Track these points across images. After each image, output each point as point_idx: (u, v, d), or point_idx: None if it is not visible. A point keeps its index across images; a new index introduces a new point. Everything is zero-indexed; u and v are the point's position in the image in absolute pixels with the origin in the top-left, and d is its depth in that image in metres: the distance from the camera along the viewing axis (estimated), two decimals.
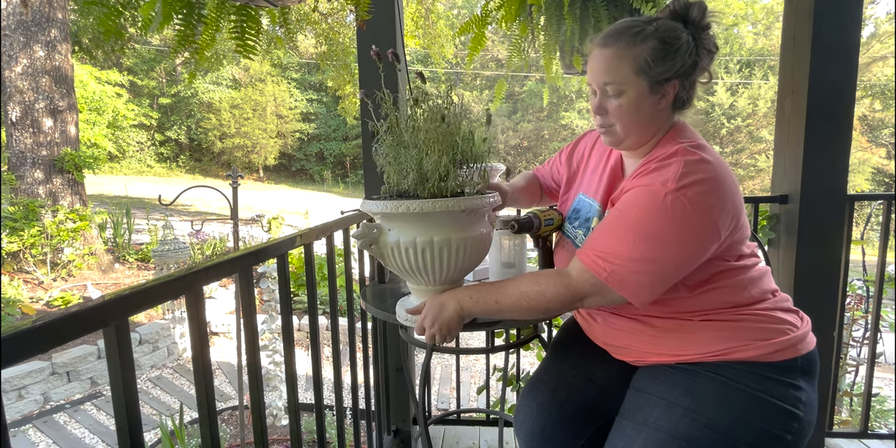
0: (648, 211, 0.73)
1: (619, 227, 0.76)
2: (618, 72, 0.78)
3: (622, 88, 0.78)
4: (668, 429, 0.75)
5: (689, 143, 0.79)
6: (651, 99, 0.79)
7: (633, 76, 0.77)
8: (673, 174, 0.73)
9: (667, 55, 0.77)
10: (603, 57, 0.79)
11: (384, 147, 0.89)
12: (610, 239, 0.76)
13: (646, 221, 0.73)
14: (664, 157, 0.77)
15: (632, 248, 0.73)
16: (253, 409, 0.78)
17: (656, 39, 0.77)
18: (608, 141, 0.87)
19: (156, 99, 19.38)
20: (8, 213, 4.59)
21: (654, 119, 0.82)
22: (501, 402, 1.81)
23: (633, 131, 0.82)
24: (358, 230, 0.85)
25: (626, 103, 0.79)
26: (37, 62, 5.03)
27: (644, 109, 0.80)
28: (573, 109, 19.73)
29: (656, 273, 0.74)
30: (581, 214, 0.98)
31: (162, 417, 3.03)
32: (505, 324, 0.98)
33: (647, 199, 0.74)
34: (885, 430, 2.19)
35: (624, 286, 0.74)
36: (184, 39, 0.92)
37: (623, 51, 0.77)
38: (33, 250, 4.72)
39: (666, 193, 0.72)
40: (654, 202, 0.73)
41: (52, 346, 0.43)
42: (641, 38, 0.77)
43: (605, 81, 0.79)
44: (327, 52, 6.47)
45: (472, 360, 4.52)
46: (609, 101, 0.81)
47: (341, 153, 21.95)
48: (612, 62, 0.78)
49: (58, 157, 5.15)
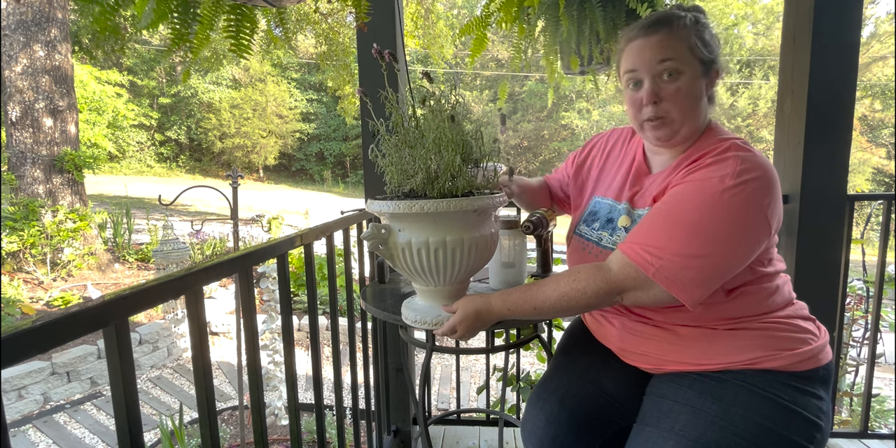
0: (702, 206, 0.72)
1: (669, 222, 0.74)
2: (675, 49, 0.78)
3: (681, 68, 0.78)
4: (695, 436, 0.73)
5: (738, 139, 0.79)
6: (702, 83, 0.79)
7: (690, 56, 0.78)
8: (731, 170, 0.72)
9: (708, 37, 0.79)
10: (653, 41, 0.79)
11: (386, 147, 0.89)
12: (658, 233, 0.73)
13: (700, 217, 0.71)
14: (719, 152, 0.76)
15: (683, 243, 0.71)
16: (253, 409, 0.78)
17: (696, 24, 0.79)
18: (662, 134, 0.82)
19: (156, 99, 19.38)
20: (8, 213, 4.59)
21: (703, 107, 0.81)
22: (501, 402, 1.81)
23: (689, 118, 0.80)
24: (367, 231, 0.85)
25: (685, 85, 0.78)
26: (37, 62, 5.03)
27: (699, 94, 0.80)
28: (573, 109, 19.72)
29: (707, 269, 0.71)
30: (600, 215, 0.96)
31: (162, 417, 3.03)
32: (505, 324, 0.98)
33: (701, 195, 0.72)
34: (885, 430, 2.19)
35: (673, 282, 0.71)
36: (178, 38, 0.92)
37: (674, 32, 0.78)
38: (33, 250, 4.72)
39: (724, 189, 0.70)
40: (709, 198, 0.71)
41: (52, 346, 0.43)
42: (686, 22, 0.78)
43: (662, 58, 0.78)
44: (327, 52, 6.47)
45: (472, 360, 4.52)
46: (665, 87, 0.79)
47: (341, 153, 21.96)
48: (667, 43, 0.78)
49: (58, 157, 5.15)
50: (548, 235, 1.14)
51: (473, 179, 0.88)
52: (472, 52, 1.34)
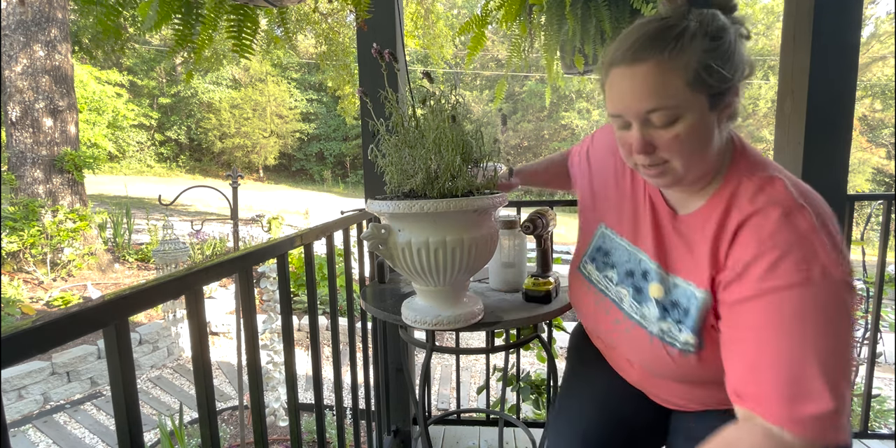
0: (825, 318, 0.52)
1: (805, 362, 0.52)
2: (667, 91, 0.57)
3: (678, 112, 0.57)
4: None
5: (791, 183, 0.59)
6: (711, 117, 0.59)
7: (689, 93, 0.57)
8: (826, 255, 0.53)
9: (724, 55, 0.57)
10: (639, 76, 0.58)
11: (386, 147, 0.89)
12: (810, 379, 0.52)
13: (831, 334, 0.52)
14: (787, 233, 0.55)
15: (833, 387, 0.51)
16: (253, 409, 0.78)
17: (705, 37, 0.56)
18: (663, 182, 0.64)
19: (156, 99, 19.39)
20: (8, 213, 4.59)
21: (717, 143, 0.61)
22: (501, 402, 1.81)
23: (696, 164, 0.61)
24: (367, 231, 0.85)
25: (685, 131, 0.58)
26: (37, 62, 5.03)
27: (707, 133, 0.59)
28: (573, 109, 19.73)
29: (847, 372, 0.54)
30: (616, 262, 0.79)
31: (162, 417, 3.03)
32: (505, 324, 0.98)
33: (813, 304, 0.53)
34: (886, 430, 2.19)
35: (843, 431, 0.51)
36: (181, 39, 0.92)
37: (668, 62, 0.56)
38: (33, 250, 4.72)
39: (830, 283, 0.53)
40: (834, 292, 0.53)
41: (52, 346, 0.43)
42: (688, 40, 0.56)
43: (650, 108, 0.58)
44: (327, 52, 6.47)
45: (472, 360, 4.52)
46: (657, 134, 0.60)
47: (341, 153, 21.97)
48: (656, 80, 0.57)
49: (58, 157, 5.15)
50: (548, 235, 1.14)
51: (473, 179, 0.88)
52: (469, 51, 1.34)
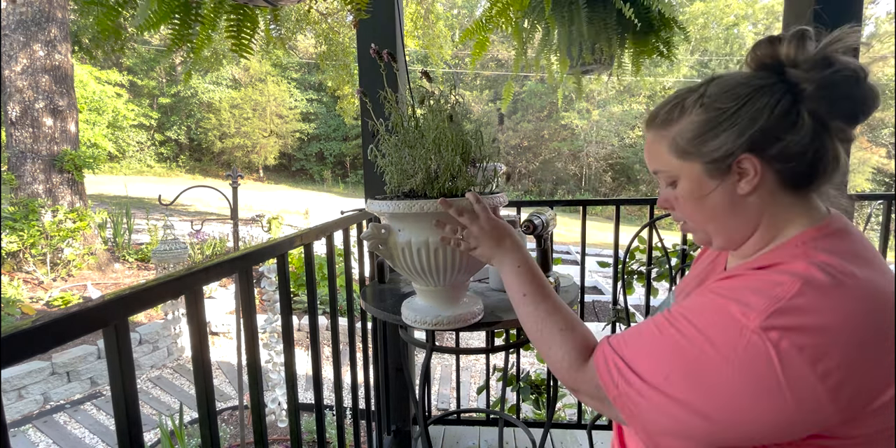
0: (715, 342, 0.49)
1: (661, 342, 0.54)
2: (659, 159, 0.62)
3: (672, 177, 0.62)
4: None
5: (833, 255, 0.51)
6: (715, 183, 0.58)
7: (678, 161, 0.59)
8: (767, 303, 0.47)
9: (716, 125, 0.56)
10: (647, 142, 0.64)
11: (386, 147, 0.89)
12: (644, 349, 0.55)
13: (700, 353, 0.49)
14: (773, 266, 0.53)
15: (663, 378, 0.51)
16: (253, 409, 0.78)
17: (701, 108, 0.57)
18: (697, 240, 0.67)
19: (156, 99, 19.40)
20: (8, 213, 4.59)
21: (742, 209, 0.58)
22: (501, 402, 1.81)
23: (713, 226, 0.61)
24: (367, 231, 0.85)
25: (682, 194, 0.61)
26: (36, 61, 5.03)
27: (713, 197, 0.58)
28: (573, 109, 19.74)
29: (692, 426, 0.50)
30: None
31: (162, 417, 3.03)
32: (505, 324, 0.98)
33: (718, 325, 0.50)
34: None
35: (634, 416, 0.54)
36: (180, 38, 0.92)
37: (659, 132, 0.61)
38: (33, 250, 4.72)
39: (742, 328, 0.47)
40: (724, 331, 0.49)
41: (52, 346, 0.43)
42: (679, 113, 0.59)
43: (653, 170, 0.64)
44: (327, 52, 6.47)
45: (472, 360, 4.52)
46: (669, 193, 0.63)
47: (341, 153, 21.98)
48: (652, 148, 0.62)
49: (58, 157, 5.15)
50: (548, 235, 1.14)
51: (473, 179, 0.88)
52: (473, 55, 1.35)
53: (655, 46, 1.44)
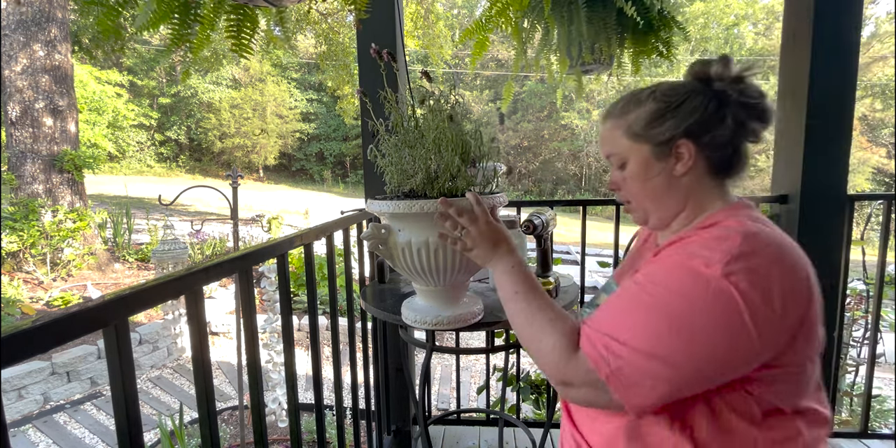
0: (687, 296, 0.56)
1: (641, 309, 0.59)
2: (614, 142, 0.72)
3: (623, 159, 0.72)
4: None
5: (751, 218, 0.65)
6: (659, 165, 0.69)
7: (631, 143, 0.70)
8: (723, 253, 0.56)
9: (664, 114, 0.68)
10: (603, 131, 0.75)
11: (386, 147, 0.89)
12: (626, 321, 0.60)
13: (677, 309, 0.56)
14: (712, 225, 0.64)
15: (655, 341, 0.56)
16: (253, 409, 0.78)
17: (653, 101, 0.69)
18: (635, 219, 0.77)
19: (156, 99, 19.40)
20: (8, 213, 4.59)
21: (676, 189, 0.70)
22: (501, 402, 1.81)
23: (651, 204, 0.72)
24: (367, 231, 0.85)
25: (630, 174, 0.72)
26: (36, 61, 5.03)
27: (655, 178, 0.70)
28: (573, 109, 19.73)
29: (675, 381, 0.56)
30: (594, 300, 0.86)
31: (162, 417, 3.03)
32: (505, 324, 0.98)
33: (685, 281, 0.57)
34: (886, 430, 2.19)
35: (628, 388, 0.57)
36: (178, 38, 0.92)
37: (617, 121, 0.72)
38: (33, 250, 4.72)
39: (709, 278, 0.55)
40: (695, 287, 0.56)
41: (52, 346, 0.43)
42: (635, 104, 0.71)
43: (606, 154, 0.75)
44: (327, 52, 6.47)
45: (472, 360, 4.52)
46: (618, 175, 0.74)
47: (341, 153, 21.98)
48: (609, 133, 0.73)
49: (58, 157, 5.15)
50: (548, 235, 1.14)
51: (473, 179, 0.88)
52: (473, 55, 1.35)
53: (655, 46, 1.44)
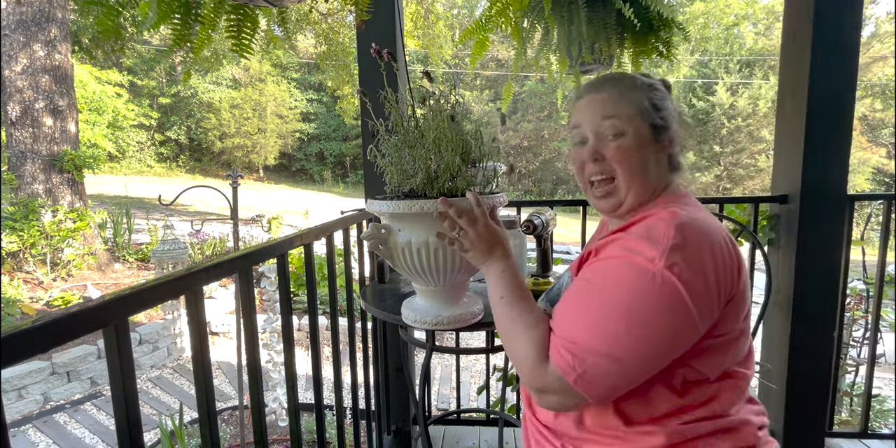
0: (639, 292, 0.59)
1: (597, 310, 0.62)
2: (619, 110, 0.71)
3: (623, 128, 0.71)
4: None
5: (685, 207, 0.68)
6: (650, 147, 0.71)
7: (635, 116, 0.71)
8: (661, 247, 0.59)
9: (663, 101, 0.73)
10: (599, 99, 0.73)
11: (386, 147, 0.89)
12: (584, 324, 0.62)
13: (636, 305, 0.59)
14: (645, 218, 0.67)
15: (614, 342, 0.59)
16: (253, 409, 0.78)
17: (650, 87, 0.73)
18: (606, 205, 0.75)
19: (156, 99, 19.40)
20: (8, 213, 4.59)
21: (655, 172, 0.73)
22: (501, 402, 1.81)
23: (635, 182, 0.72)
24: (367, 231, 0.85)
25: (626, 144, 0.70)
26: (36, 61, 5.03)
27: (645, 157, 0.71)
28: None
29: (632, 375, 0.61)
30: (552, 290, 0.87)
31: (162, 417, 3.03)
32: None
33: (632, 278, 0.60)
34: (886, 430, 2.19)
35: (592, 387, 0.60)
36: (179, 38, 0.92)
37: (624, 93, 0.72)
38: (33, 250, 4.72)
39: (654, 273, 0.58)
40: (642, 282, 0.59)
41: (52, 346, 0.43)
42: (637, 83, 0.73)
43: (604, 116, 0.72)
44: (327, 52, 6.47)
45: (472, 360, 4.52)
46: (607, 144, 0.72)
47: (341, 153, 21.98)
48: (613, 101, 0.72)
49: (57, 157, 5.15)
50: (548, 235, 1.14)
51: (473, 179, 0.88)
52: (473, 55, 1.35)
53: (655, 46, 1.44)
